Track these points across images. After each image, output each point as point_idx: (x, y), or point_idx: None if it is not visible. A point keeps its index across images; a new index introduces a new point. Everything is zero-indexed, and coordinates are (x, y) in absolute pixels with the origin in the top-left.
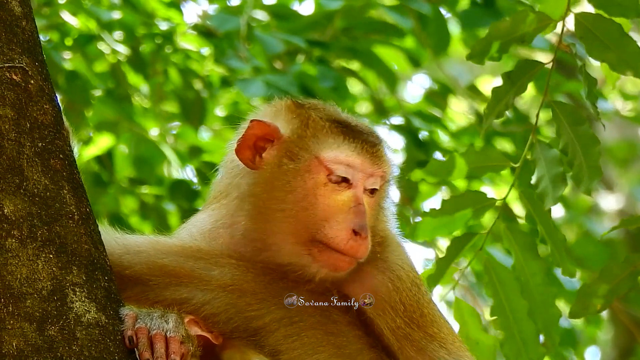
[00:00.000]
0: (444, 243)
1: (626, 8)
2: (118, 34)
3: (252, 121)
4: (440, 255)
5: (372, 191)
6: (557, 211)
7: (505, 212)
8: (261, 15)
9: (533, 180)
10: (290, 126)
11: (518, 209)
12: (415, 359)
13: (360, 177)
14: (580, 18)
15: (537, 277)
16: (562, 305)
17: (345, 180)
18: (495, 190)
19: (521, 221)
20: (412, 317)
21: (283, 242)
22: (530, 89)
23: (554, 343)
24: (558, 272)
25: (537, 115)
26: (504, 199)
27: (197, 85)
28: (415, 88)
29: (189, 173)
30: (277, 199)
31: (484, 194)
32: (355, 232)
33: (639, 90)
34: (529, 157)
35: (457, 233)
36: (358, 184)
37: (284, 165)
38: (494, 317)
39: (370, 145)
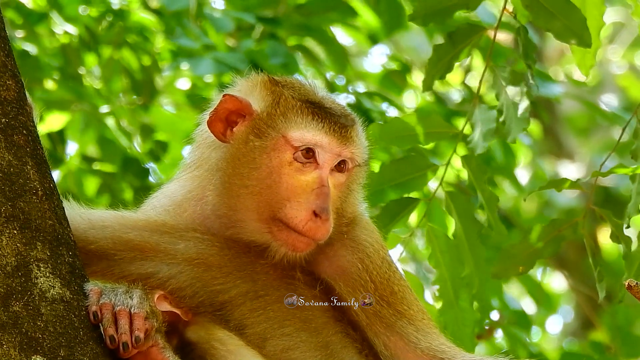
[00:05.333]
0: None
1: None
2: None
3: (224, 95)
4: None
5: (340, 169)
6: (521, 180)
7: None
8: None
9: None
10: (263, 103)
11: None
12: (385, 335)
13: (327, 157)
14: None
15: (474, 241)
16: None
17: (311, 160)
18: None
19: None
20: (382, 295)
21: (247, 219)
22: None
23: (486, 305)
24: None
25: (481, 81)
26: (447, 163)
27: (148, 62)
28: (372, 65)
29: (138, 149)
30: (242, 175)
31: (425, 159)
32: (315, 214)
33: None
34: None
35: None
36: (325, 164)
37: (250, 142)
38: (436, 287)
39: (339, 126)
